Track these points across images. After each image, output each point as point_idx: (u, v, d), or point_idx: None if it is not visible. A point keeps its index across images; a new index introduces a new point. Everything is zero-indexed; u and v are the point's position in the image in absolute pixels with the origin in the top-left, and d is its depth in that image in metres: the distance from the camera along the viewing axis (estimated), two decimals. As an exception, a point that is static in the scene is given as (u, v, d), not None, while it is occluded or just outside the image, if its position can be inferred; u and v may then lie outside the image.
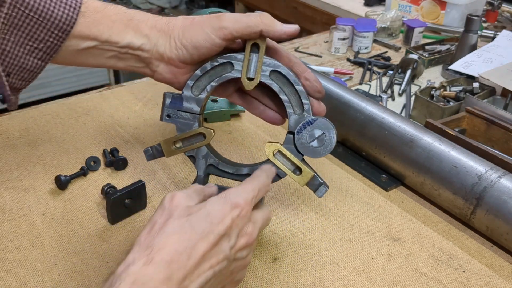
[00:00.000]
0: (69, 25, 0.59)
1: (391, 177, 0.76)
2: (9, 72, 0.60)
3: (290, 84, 0.60)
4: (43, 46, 0.59)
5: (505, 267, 0.62)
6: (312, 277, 0.59)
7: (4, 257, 0.60)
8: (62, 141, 0.82)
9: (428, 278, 0.60)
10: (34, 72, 0.61)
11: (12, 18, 0.57)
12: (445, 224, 0.69)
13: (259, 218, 0.52)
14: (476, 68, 1.05)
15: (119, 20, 0.61)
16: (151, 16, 0.62)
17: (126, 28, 0.61)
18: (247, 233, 0.49)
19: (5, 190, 0.71)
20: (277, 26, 0.58)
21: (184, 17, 0.62)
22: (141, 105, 0.94)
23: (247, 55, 0.60)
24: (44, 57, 0.60)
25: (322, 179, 0.62)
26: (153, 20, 0.62)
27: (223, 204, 0.48)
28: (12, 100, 0.62)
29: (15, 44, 0.58)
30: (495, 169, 0.65)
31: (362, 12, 1.62)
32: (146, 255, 0.43)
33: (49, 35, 0.59)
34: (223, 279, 0.48)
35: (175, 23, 0.61)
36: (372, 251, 0.63)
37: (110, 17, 0.60)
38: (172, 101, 0.62)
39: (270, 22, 0.58)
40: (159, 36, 0.61)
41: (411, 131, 0.73)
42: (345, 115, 0.80)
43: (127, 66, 0.63)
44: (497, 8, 1.52)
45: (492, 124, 0.82)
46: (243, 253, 0.49)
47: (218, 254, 0.46)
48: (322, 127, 0.61)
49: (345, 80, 1.11)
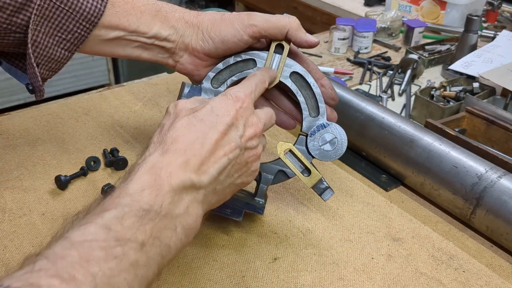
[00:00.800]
0: (96, 16, 0.60)
1: (391, 177, 0.76)
2: (38, 62, 0.61)
3: (309, 86, 0.62)
4: (71, 37, 0.61)
5: (505, 267, 0.62)
6: (312, 277, 0.59)
7: (4, 257, 0.60)
8: (62, 141, 0.82)
9: (428, 278, 0.60)
10: (61, 62, 0.62)
11: (44, 10, 0.58)
12: (445, 224, 0.69)
13: (261, 114, 0.56)
14: (476, 68, 1.05)
15: (147, 11, 0.62)
16: (179, 8, 0.64)
17: (154, 19, 0.62)
18: (253, 124, 0.53)
19: (5, 190, 0.71)
20: (302, 32, 0.61)
21: (214, 12, 0.63)
22: (141, 105, 0.94)
23: (271, 54, 0.62)
24: (71, 48, 0.62)
25: (328, 183, 0.63)
26: (181, 12, 0.63)
27: (225, 99, 0.52)
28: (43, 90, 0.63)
29: (45, 35, 0.59)
30: (495, 169, 0.65)
31: (362, 12, 1.62)
32: (161, 147, 0.47)
33: (77, 26, 0.60)
34: (239, 168, 0.52)
35: (204, 16, 0.63)
36: (372, 251, 0.63)
37: (139, 8, 0.62)
38: (191, 91, 0.62)
39: (297, 26, 0.61)
40: (187, 27, 0.62)
41: (411, 131, 0.73)
42: (345, 115, 0.80)
43: (152, 56, 0.65)
44: (497, 8, 1.52)
45: (492, 124, 0.82)
46: (253, 142, 0.53)
47: (229, 142, 0.50)
48: (334, 132, 0.62)
49: (345, 80, 1.11)
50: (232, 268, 0.60)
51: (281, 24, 0.60)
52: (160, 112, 0.92)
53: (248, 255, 0.61)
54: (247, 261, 0.61)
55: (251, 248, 0.63)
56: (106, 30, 0.62)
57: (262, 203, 0.63)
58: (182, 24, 0.62)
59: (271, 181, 0.63)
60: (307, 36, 0.61)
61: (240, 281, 0.58)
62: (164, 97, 0.97)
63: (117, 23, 0.61)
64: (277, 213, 0.69)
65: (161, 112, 0.92)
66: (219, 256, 0.61)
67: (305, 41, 0.61)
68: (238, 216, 0.62)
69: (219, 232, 0.65)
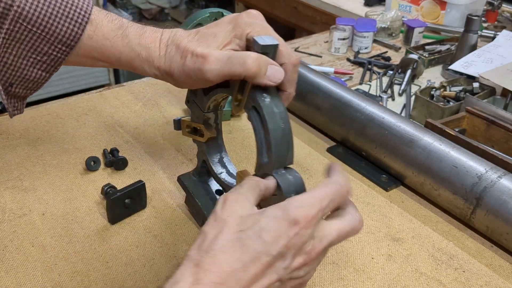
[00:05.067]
0: (73, 40, 0.58)
1: (391, 177, 0.76)
2: (11, 82, 0.60)
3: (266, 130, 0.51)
4: (46, 59, 0.59)
5: (505, 267, 0.62)
6: (312, 277, 0.59)
7: (4, 257, 0.60)
8: (62, 141, 0.82)
9: (428, 278, 0.60)
10: (39, 82, 0.61)
11: (14, 33, 0.57)
12: (445, 224, 0.69)
13: (328, 233, 0.46)
14: (476, 68, 1.05)
15: (126, 53, 0.60)
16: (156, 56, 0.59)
17: (134, 63, 0.60)
18: (306, 252, 0.44)
19: (5, 190, 0.71)
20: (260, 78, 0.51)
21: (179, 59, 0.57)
22: (141, 105, 0.94)
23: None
24: (49, 69, 0.61)
25: None
26: (157, 62, 0.59)
27: (280, 220, 0.43)
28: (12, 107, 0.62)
29: (17, 57, 0.58)
30: (495, 169, 0.65)
31: (362, 12, 1.62)
32: (195, 273, 0.41)
33: (53, 49, 0.59)
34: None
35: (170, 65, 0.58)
36: (372, 251, 0.63)
37: (118, 48, 0.60)
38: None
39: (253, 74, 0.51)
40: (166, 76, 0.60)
41: (411, 131, 0.73)
42: (345, 115, 0.80)
43: None
44: (497, 8, 1.52)
45: (492, 124, 0.82)
46: (300, 272, 0.45)
47: (270, 275, 0.42)
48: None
49: (345, 80, 1.11)
50: (232, 268, 0.60)
51: (235, 74, 0.52)
52: (160, 112, 0.92)
53: (248, 255, 0.61)
54: (247, 261, 0.61)
55: (251, 248, 0.62)
56: (87, 59, 0.61)
57: None
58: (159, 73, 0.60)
59: None
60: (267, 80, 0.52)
61: (240, 281, 0.58)
62: (164, 97, 0.97)
63: (98, 57, 0.60)
64: (277, 213, 0.69)
65: (161, 112, 0.92)
66: (219, 256, 0.61)
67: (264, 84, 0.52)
68: None
69: (219, 232, 0.65)
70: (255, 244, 0.42)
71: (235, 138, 0.85)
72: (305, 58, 1.22)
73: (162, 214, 0.68)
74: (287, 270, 0.43)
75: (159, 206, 0.69)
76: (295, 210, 0.43)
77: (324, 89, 0.85)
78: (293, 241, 0.43)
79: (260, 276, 0.42)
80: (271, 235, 0.42)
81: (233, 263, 0.41)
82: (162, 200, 0.70)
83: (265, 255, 0.42)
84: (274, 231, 0.42)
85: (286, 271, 0.43)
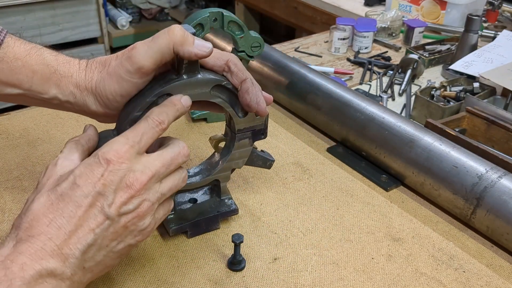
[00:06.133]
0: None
1: (391, 177, 0.76)
2: None
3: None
4: None
5: (505, 267, 0.62)
6: (312, 277, 0.59)
7: (4, 257, 0.60)
8: (62, 141, 0.82)
9: (428, 278, 0.60)
10: None
11: None
12: (445, 224, 0.69)
13: (150, 163, 0.48)
14: (477, 68, 1.05)
15: (40, 71, 0.55)
16: (76, 70, 0.56)
17: (48, 82, 0.55)
18: (128, 185, 0.47)
19: (5, 190, 0.71)
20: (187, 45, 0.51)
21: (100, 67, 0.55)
22: (141, 105, 0.94)
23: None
24: None
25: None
26: (76, 77, 0.56)
27: (92, 164, 0.46)
28: None
29: None
30: (495, 169, 0.65)
31: (362, 12, 1.62)
32: (16, 236, 0.44)
33: None
34: (114, 237, 0.47)
35: (92, 77, 0.55)
36: (372, 251, 0.63)
37: (31, 67, 0.55)
38: None
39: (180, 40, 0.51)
40: (86, 95, 0.56)
41: (411, 131, 0.73)
42: (345, 115, 0.80)
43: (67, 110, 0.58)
44: (497, 8, 1.52)
45: (492, 124, 0.82)
46: (130, 206, 0.47)
47: (96, 216, 0.45)
48: None
49: (345, 80, 1.11)
50: (232, 268, 0.60)
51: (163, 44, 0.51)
52: (160, 112, 0.92)
53: (248, 255, 0.61)
54: (247, 261, 0.61)
55: (251, 248, 0.62)
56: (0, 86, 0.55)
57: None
58: (80, 92, 0.55)
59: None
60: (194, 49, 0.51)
61: (240, 281, 0.58)
62: (164, 97, 0.97)
63: (6, 80, 0.55)
64: (277, 213, 0.69)
65: (161, 112, 0.92)
66: (218, 256, 0.61)
67: (194, 55, 0.51)
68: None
69: (218, 232, 0.65)
70: (70, 192, 0.45)
71: (235, 138, 0.85)
72: (305, 58, 1.22)
73: (162, 214, 0.68)
74: (113, 206, 0.46)
75: (159, 206, 0.69)
76: (105, 151, 0.47)
77: (324, 89, 0.85)
78: (109, 178, 0.46)
79: (84, 219, 0.45)
80: (84, 179, 0.45)
81: (51, 213, 0.44)
82: (162, 200, 0.70)
83: (82, 197, 0.45)
84: (86, 175, 0.46)
85: (112, 208, 0.46)
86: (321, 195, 0.73)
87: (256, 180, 0.75)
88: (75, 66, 0.56)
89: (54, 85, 0.56)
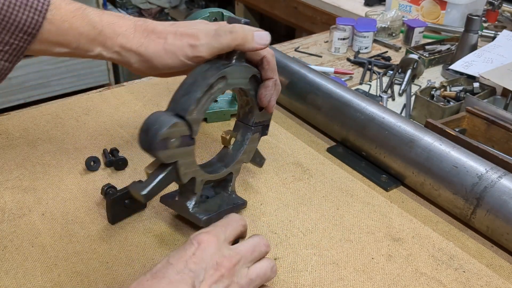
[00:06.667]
0: (34, 28, 0.57)
1: (391, 177, 0.76)
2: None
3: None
4: (8, 48, 0.58)
5: (505, 267, 0.62)
6: (312, 277, 0.59)
7: (4, 257, 0.60)
8: (62, 141, 0.82)
9: (428, 278, 0.60)
10: (1, 73, 0.59)
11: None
12: (445, 224, 0.69)
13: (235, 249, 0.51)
14: (477, 68, 1.05)
15: (86, 33, 0.59)
16: (122, 33, 0.60)
17: (94, 42, 0.59)
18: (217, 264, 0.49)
19: (5, 190, 0.71)
20: (249, 44, 0.58)
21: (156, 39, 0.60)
22: (141, 105, 0.94)
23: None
24: (11, 59, 0.59)
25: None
26: (123, 39, 0.60)
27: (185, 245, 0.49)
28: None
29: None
30: (495, 169, 0.65)
31: (362, 12, 1.62)
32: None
33: (14, 38, 0.57)
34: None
35: (143, 43, 0.59)
36: (372, 251, 0.63)
37: (77, 29, 0.58)
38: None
39: (241, 41, 0.58)
40: (131, 56, 0.60)
41: (411, 131, 0.73)
42: (345, 115, 0.80)
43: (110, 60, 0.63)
44: (497, 8, 1.52)
45: (492, 124, 0.82)
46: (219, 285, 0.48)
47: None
48: None
49: (345, 80, 1.11)
50: (232, 268, 0.60)
51: (225, 44, 0.58)
52: (160, 112, 0.92)
53: (248, 255, 0.61)
54: (247, 261, 0.61)
55: (251, 248, 0.62)
56: (48, 45, 0.59)
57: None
58: (124, 52, 0.60)
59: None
60: (255, 44, 0.59)
61: (240, 281, 0.58)
62: (164, 97, 0.97)
63: (56, 40, 0.58)
64: (277, 213, 0.69)
65: (161, 112, 0.92)
66: (219, 256, 0.61)
67: (254, 49, 0.59)
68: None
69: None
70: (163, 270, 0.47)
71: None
72: (305, 58, 1.22)
73: (162, 214, 0.68)
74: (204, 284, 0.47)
75: (159, 206, 0.69)
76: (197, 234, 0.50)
77: (324, 89, 0.85)
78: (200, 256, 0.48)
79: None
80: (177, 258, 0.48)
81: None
82: (162, 200, 0.70)
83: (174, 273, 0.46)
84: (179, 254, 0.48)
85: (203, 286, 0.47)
86: (321, 195, 0.73)
87: (256, 180, 0.75)
88: (121, 28, 0.60)
89: (100, 45, 0.59)
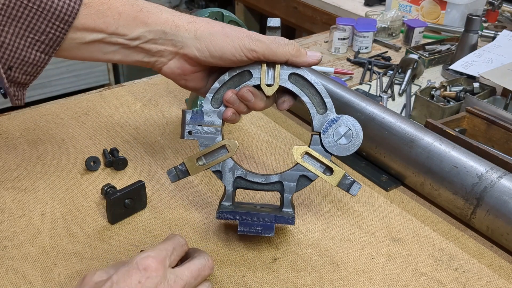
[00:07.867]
0: (71, 15, 0.56)
1: (391, 177, 0.76)
2: (10, 65, 0.58)
3: (310, 85, 0.61)
4: (45, 38, 0.57)
5: (505, 267, 0.62)
6: (312, 277, 0.59)
7: (4, 257, 0.60)
8: (62, 141, 0.82)
9: (428, 278, 0.60)
10: (38, 66, 0.59)
11: (10, 9, 0.55)
12: (445, 224, 0.69)
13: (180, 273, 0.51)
14: (477, 68, 1.05)
15: (126, 12, 0.58)
16: (165, 9, 0.60)
17: (135, 21, 0.58)
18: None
19: (5, 190, 0.71)
20: (302, 57, 0.60)
21: (210, 22, 0.60)
22: (141, 105, 0.94)
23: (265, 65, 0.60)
24: (47, 50, 0.58)
25: (352, 177, 0.62)
26: (168, 14, 0.59)
27: (129, 271, 0.48)
28: (12, 93, 0.60)
29: (15, 36, 0.56)
30: (495, 169, 0.65)
31: (362, 12, 1.62)
32: None
33: (51, 26, 0.56)
34: None
35: (201, 24, 0.59)
36: (372, 251, 0.63)
37: (117, 8, 0.57)
38: (193, 117, 0.61)
39: (296, 54, 0.59)
40: (180, 32, 0.59)
41: (411, 131, 0.73)
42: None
43: (135, 61, 0.61)
44: (497, 8, 1.52)
45: (492, 124, 0.81)
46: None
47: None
48: (347, 124, 0.61)
49: (345, 80, 1.11)
50: (232, 268, 0.60)
51: (280, 53, 0.59)
52: (160, 112, 0.92)
53: (248, 255, 0.61)
54: (247, 261, 0.61)
55: (251, 248, 0.62)
56: (82, 33, 0.58)
57: (291, 213, 0.61)
58: (172, 27, 0.59)
59: (295, 188, 0.62)
60: (308, 59, 0.60)
61: (240, 281, 0.58)
62: (164, 97, 0.97)
63: (93, 25, 0.57)
64: (277, 213, 0.69)
65: (161, 112, 0.92)
66: (219, 256, 0.61)
67: (308, 64, 0.60)
68: (270, 232, 0.60)
69: (218, 232, 0.65)
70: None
71: (235, 138, 0.85)
72: (305, 58, 1.22)
73: (162, 214, 0.68)
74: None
75: (159, 206, 0.69)
76: (142, 259, 0.48)
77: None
78: (146, 285, 0.47)
79: None
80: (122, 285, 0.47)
81: None
82: (162, 200, 0.70)
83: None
84: (124, 281, 0.47)
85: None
86: (321, 195, 0.73)
87: (256, 180, 0.75)
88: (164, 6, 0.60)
89: (141, 24, 0.58)
